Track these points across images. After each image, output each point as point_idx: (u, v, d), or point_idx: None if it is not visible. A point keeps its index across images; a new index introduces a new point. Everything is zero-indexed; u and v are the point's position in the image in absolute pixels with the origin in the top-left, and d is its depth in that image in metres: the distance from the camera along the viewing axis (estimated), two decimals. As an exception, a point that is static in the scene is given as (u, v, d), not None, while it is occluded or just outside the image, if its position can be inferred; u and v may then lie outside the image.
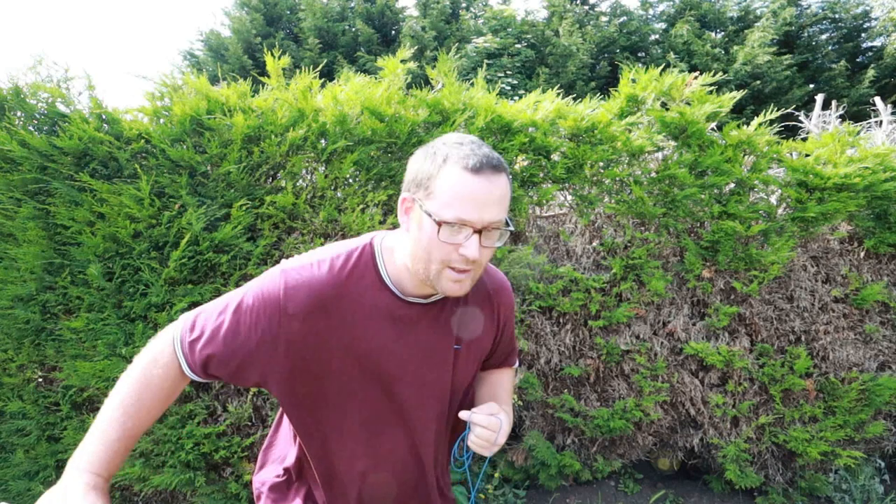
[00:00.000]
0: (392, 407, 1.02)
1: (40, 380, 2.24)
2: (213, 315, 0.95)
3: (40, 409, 2.17)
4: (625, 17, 12.24)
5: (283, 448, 1.19)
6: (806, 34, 11.58)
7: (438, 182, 0.88)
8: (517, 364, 1.32)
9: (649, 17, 12.70)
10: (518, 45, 10.66)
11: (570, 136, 2.43)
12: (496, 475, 2.60)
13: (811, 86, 10.87)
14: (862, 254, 2.62)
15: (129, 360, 2.05)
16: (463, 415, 1.00)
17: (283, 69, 2.21)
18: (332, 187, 2.23)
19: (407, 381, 1.01)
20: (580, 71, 10.94)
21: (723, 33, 11.73)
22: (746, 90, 4.44)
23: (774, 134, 2.43)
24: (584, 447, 2.64)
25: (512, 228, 0.96)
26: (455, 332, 1.04)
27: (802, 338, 2.53)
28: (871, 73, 10.56)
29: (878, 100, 3.90)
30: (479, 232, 0.87)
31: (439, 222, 0.86)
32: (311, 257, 0.98)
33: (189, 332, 0.95)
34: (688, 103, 2.42)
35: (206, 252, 2.04)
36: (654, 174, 2.44)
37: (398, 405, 1.02)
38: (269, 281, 0.94)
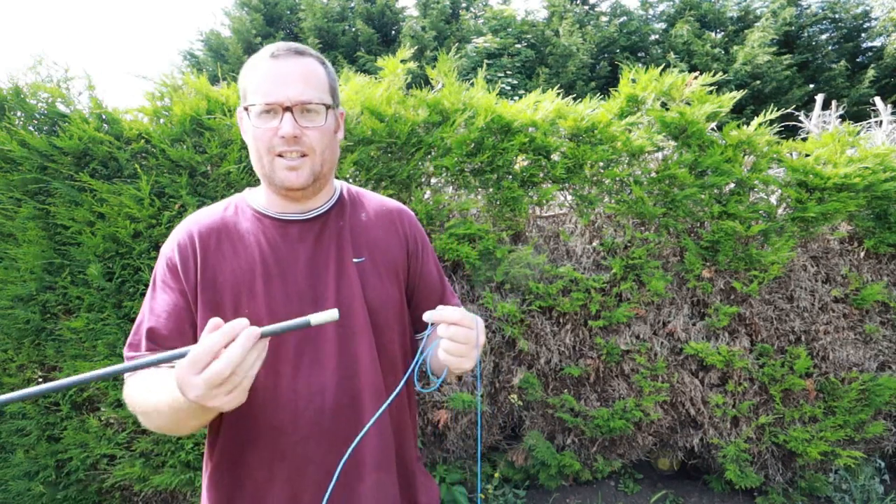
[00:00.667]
0: (311, 329, 0.88)
1: (40, 380, 2.24)
2: (140, 315, 1.00)
3: (40, 409, 2.17)
4: (625, 17, 12.24)
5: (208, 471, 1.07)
6: (806, 34, 11.58)
7: (248, 79, 0.93)
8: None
9: (649, 17, 12.71)
10: (518, 45, 10.66)
11: (570, 136, 2.43)
12: (496, 475, 2.60)
13: (811, 86, 10.88)
14: (862, 254, 2.62)
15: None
16: (426, 315, 0.83)
17: (283, 69, 2.21)
18: (332, 187, 2.23)
19: (315, 298, 0.95)
20: (580, 71, 10.94)
21: (723, 33, 11.73)
22: (746, 90, 4.44)
23: (774, 134, 2.43)
24: (584, 447, 2.64)
25: (329, 102, 0.93)
26: (350, 244, 1.00)
27: (802, 338, 2.53)
28: (871, 73, 10.57)
29: (878, 100, 3.90)
30: (289, 110, 0.89)
31: (247, 107, 0.91)
32: None
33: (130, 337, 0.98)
34: (688, 103, 2.42)
35: (206, 252, 2.04)
36: (654, 174, 2.44)
37: (314, 330, 0.93)
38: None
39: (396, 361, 1.03)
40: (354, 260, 0.99)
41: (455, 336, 0.82)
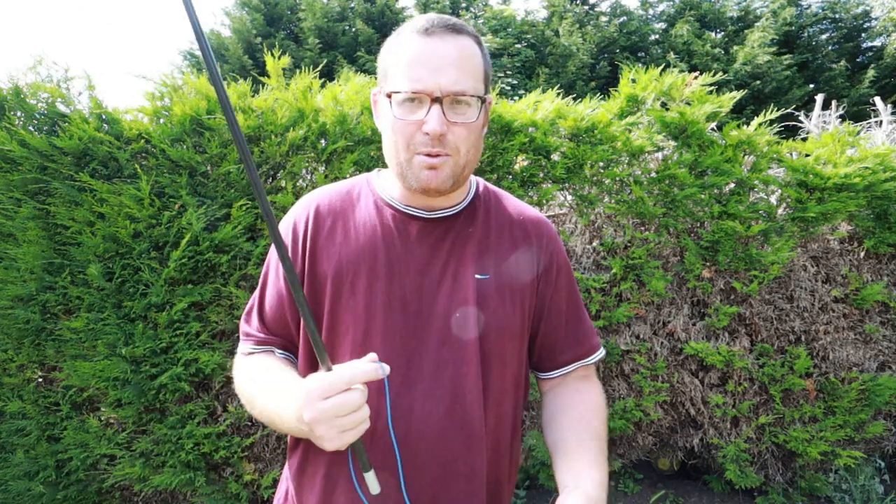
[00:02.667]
0: (413, 330, 0.86)
1: (40, 380, 2.24)
2: (256, 291, 0.99)
3: (40, 409, 2.17)
4: (625, 17, 12.25)
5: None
6: (806, 34, 11.59)
7: (393, 56, 0.81)
8: (600, 356, 1.00)
9: (649, 17, 12.71)
10: (518, 45, 10.66)
11: (570, 136, 2.43)
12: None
13: (811, 86, 10.88)
14: (862, 254, 2.62)
15: (129, 360, 2.06)
16: None
17: (283, 69, 2.21)
18: (332, 187, 2.23)
19: (420, 309, 0.87)
20: (580, 71, 10.94)
21: (723, 33, 11.73)
22: (746, 90, 4.44)
23: (774, 134, 2.43)
24: (584, 447, 2.64)
25: (485, 96, 0.82)
26: (475, 257, 0.89)
27: (802, 338, 2.53)
28: (871, 73, 10.57)
29: (878, 100, 3.90)
30: (438, 101, 0.77)
31: (389, 94, 0.79)
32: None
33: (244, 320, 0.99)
34: (688, 103, 2.42)
35: (206, 252, 2.04)
36: (654, 174, 2.44)
37: (421, 331, 0.86)
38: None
39: (505, 397, 0.91)
40: (477, 276, 0.87)
41: None
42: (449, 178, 0.82)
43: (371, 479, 0.73)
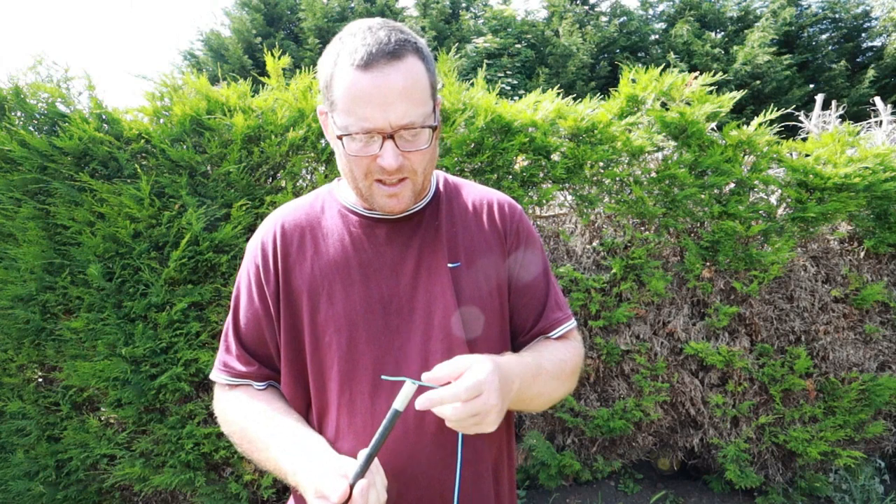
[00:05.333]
0: (397, 329, 0.87)
1: (40, 380, 2.24)
2: (229, 316, 0.98)
3: (40, 409, 2.17)
4: (625, 17, 12.25)
5: None
6: (806, 34, 11.59)
7: (334, 88, 0.78)
8: (566, 328, 0.99)
9: (649, 17, 12.71)
10: (518, 45, 10.66)
11: (570, 136, 2.43)
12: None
13: (811, 86, 10.88)
14: (862, 254, 2.62)
15: (129, 360, 2.06)
16: (417, 402, 0.69)
17: (283, 69, 2.21)
18: (332, 187, 2.23)
19: (399, 307, 0.88)
20: (580, 71, 10.95)
21: (723, 33, 11.74)
22: (746, 90, 4.43)
23: (774, 134, 2.43)
24: (584, 447, 2.64)
25: (435, 124, 0.80)
26: (445, 247, 0.91)
27: (802, 338, 2.53)
28: (871, 73, 10.58)
29: (878, 100, 3.90)
30: (390, 137, 0.77)
31: (339, 136, 0.79)
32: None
33: (220, 352, 0.98)
34: (688, 103, 2.42)
35: (206, 252, 2.04)
36: (654, 174, 2.44)
37: (405, 328, 0.87)
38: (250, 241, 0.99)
39: None
40: (449, 265, 0.89)
41: (454, 416, 0.69)
42: (411, 199, 0.86)
43: (399, 401, 0.72)
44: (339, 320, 0.87)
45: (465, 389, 0.68)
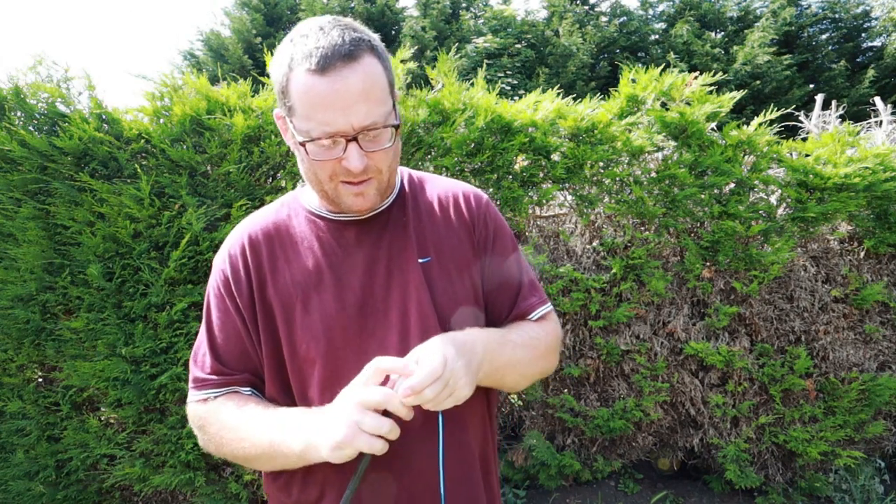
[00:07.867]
0: (374, 330, 0.88)
1: (40, 380, 2.24)
2: (201, 333, 0.95)
3: (40, 409, 2.17)
4: (625, 17, 12.26)
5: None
6: (806, 34, 11.59)
7: (291, 93, 0.77)
8: (546, 310, 1.00)
9: (649, 17, 12.71)
10: (518, 45, 10.67)
11: (570, 136, 2.43)
12: (496, 475, 2.60)
13: (811, 86, 10.88)
14: (862, 254, 2.62)
15: (128, 360, 2.06)
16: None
17: (283, 69, 2.20)
18: (332, 187, 2.23)
19: (374, 308, 0.88)
20: (580, 71, 10.95)
21: (723, 33, 11.74)
22: (746, 90, 4.44)
23: (774, 134, 2.43)
24: (584, 447, 2.64)
25: (397, 122, 0.81)
26: (415, 243, 0.91)
27: (802, 338, 2.53)
28: (871, 73, 10.58)
29: (878, 100, 3.90)
30: (354, 139, 0.77)
31: (302, 143, 0.78)
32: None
33: (192, 367, 0.94)
34: (688, 103, 2.42)
35: (207, 252, 2.04)
36: (654, 174, 2.44)
37: (381, 328, 0.88)
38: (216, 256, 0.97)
39: None
40: (420, 261, 0.90)
41: (431, 393, 0.72)
42: (377, 197, 0.86)
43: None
44: (316, 328, 0.87)
45: (429, 364, 0.72)
